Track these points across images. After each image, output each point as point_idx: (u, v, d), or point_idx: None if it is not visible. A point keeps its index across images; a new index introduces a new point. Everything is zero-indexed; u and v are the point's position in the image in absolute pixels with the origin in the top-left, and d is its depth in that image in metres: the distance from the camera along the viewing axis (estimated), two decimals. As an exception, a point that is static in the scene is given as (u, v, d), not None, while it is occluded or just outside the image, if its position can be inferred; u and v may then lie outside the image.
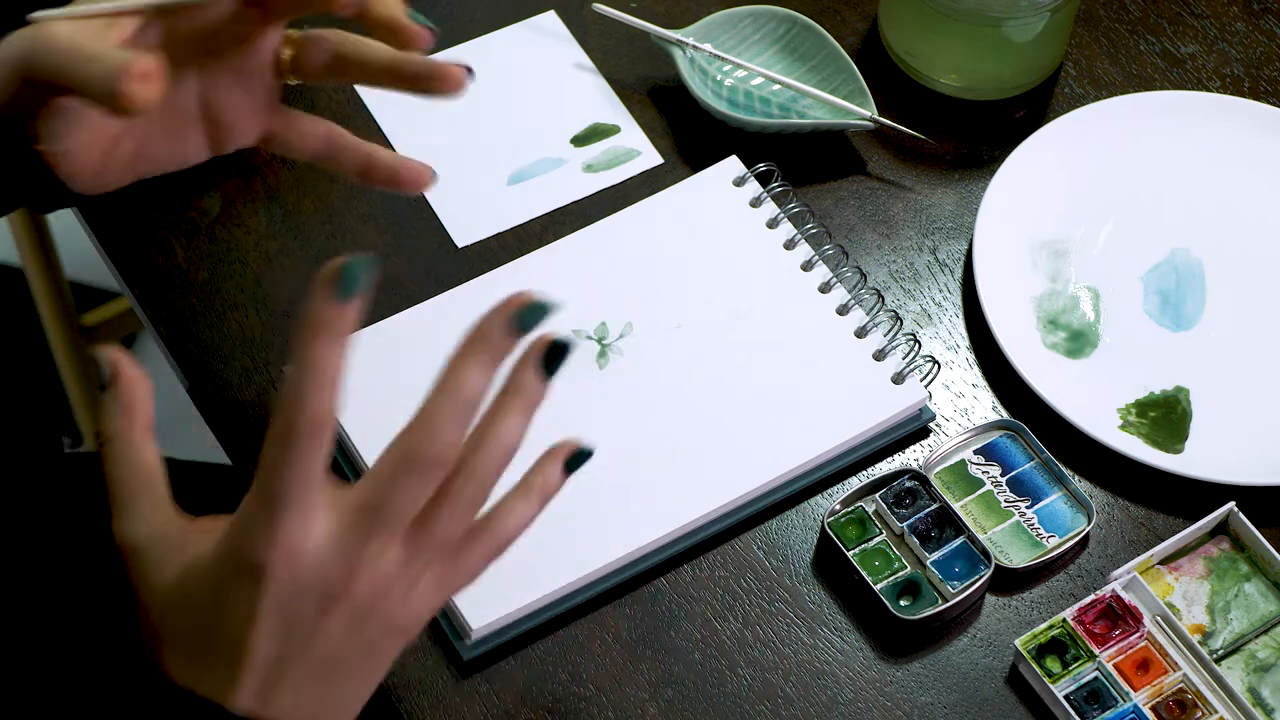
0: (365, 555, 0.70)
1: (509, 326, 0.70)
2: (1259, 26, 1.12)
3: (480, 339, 0.71)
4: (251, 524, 0.70)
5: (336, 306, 0.68)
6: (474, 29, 1.10)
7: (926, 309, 1.01)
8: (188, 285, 1.00)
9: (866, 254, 1.03)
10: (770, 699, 0.89)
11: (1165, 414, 0.97)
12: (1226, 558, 0.93)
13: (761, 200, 1.02)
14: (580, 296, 0.98)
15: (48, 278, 1.56)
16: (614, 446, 0.93)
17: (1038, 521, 0.93)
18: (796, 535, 0.93)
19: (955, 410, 0.98)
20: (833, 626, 0.91)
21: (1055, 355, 0.99)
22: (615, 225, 1.01)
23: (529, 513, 0.74)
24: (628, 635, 0.90)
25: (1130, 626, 0.89)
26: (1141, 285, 1.02)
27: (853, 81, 1.06)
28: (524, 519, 0.73)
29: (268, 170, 1.04)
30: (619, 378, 0.96)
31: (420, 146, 1.05)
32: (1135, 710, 0.88)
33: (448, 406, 0.70)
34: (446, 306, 0.98)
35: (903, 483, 0.93)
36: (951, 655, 0.90)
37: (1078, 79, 1.10)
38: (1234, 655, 0.90)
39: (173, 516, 0.73)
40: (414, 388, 0.95)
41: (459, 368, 0.70)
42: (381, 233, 1.02)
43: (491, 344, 0.70)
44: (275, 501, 0.69)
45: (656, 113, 1.07)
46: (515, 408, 0.71)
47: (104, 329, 1.64)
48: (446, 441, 0.69)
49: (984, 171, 1.06)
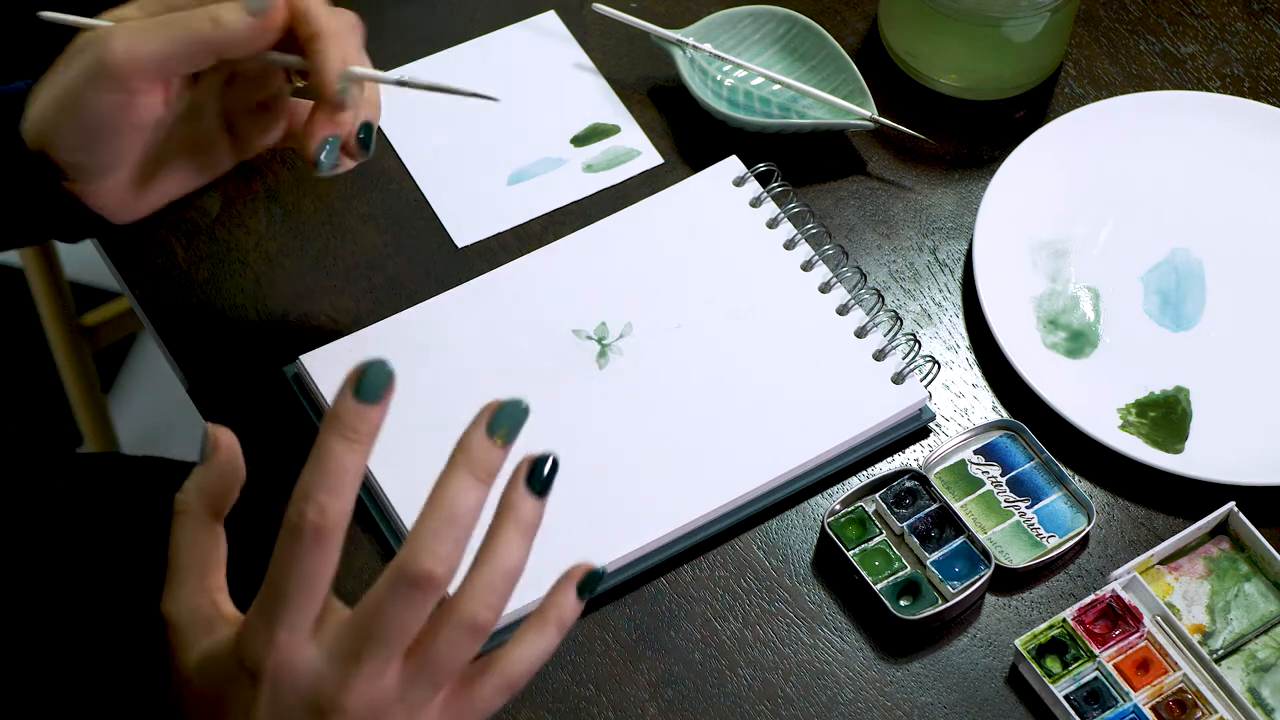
0: (360, 674, 0.69)
1: (487, 436, 0.70)
2: (1259, 26, 1.12)
3: (461, 452, 0.70)
4: (255, 623, 0.69)
5: (356, 407, 0.68)
6: (474, 29, 1.10)
7: (926, 309, 1.01)
8: (188, 285, 1.00)
9: (866, 254, 1.03)
10: (770, 699, 0.89)
11: (1165, 414, 0.97)
12: (1226, 558, 0.93)
13: (761, 200, 1.02)
14: (580, 296, 0.98)
15: (48, 278, 1.56)
16: (614, 446, 0.93)
17: (1038, 521, 0.93)
18: (796, 535, 0.93)
19: (955, 410, 0.98)
20: (833, 626, 0.91)
21: (1055, 355, 0.99)
22: (615, 225, 1.01)
23: (545, 645, 0.72)
24: (628, 635, 0.91)
25: (1130, 626, 0.89)
26: (1141, 285, 1.02)
27: (853, 81, 1.06)
28: (540, 652, 0.72)
29: (268, 170, 1.04)
30: (619, 378, 0.96)
31: (420, 146, 1.05)
32: (1135, 710, 0.88)
33: (433, 522, 0.68)
34: (446, 306, 0.98)
35: (903, 483, 0.93)
36: (951, 655, 0.90)
37: (1078, 79, 1.10)
38: (1234, 655, 0.90)
39: (213, 600, 0.73)
40: (414, 388, 0.95)
41: (443, 483, 0.69)
42: (381, 233, 1.02)
43: (472, 456, 0.69)
44: (275, 603, 0.68)
45: (656, 113, 1.07)
46: (510, 529, 0.70)
47: (104, 329, 1.64)
48: (436, 557, 0.68)
49: (984, 171, 1.06)
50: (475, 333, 0.97)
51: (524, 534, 0.70)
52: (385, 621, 0.68)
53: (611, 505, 0.92)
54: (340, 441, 0.67)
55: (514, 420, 0.71)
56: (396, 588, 0.68)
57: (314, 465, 0.67)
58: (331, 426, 0.68)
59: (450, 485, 0.69)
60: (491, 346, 0.96)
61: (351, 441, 0.68)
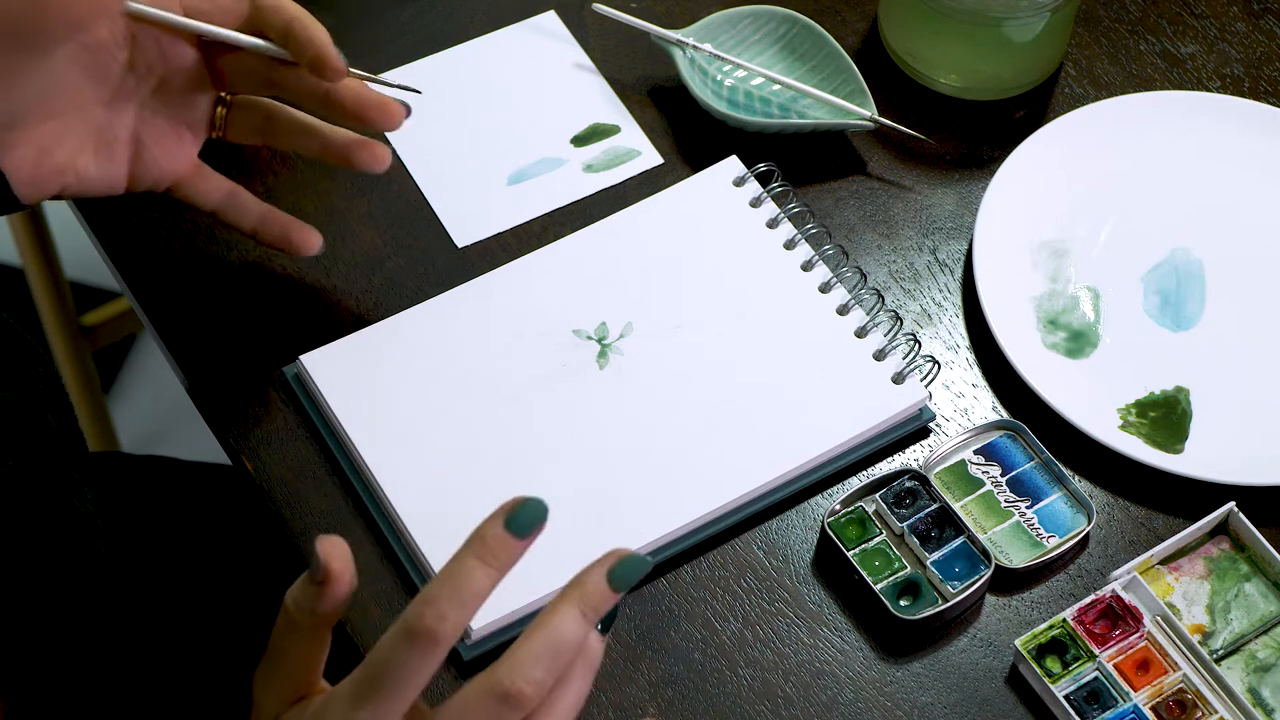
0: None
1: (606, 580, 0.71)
2: (1259, 26, 1.12)
3: (576, 588, 0.71)
4: (345, 697, 0.71)
5: (502, 536, 0.70)
6: (474, 29, 1.10)
7: (926, 309, 1.01)
8: (188, 285, 1.00)
9: (866, 254, 1.03)
10: (770, 699, 0.89)
11: (1165, 414, 0.97)
12: (1226, 558, 0.93)
13: (761, 200, 1.02)
14: (580, 296, 0.98)
15: (48, 278, 1.56)
16: (614, 446, 0.93)
17: (1038, 521, 0.93)
18: (796, 535, 0.93)
19: (955, 410, 0.98)
20: (833, 626, 0.91)
21: (1055, 355, 0.99)
22: (615, 225, 1.01)
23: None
24: (628, 635, 0.90)
25: (1130, 626, 0.89)
26: (1142, 285, 1.02)
27: (853, 81, 1.06)
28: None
29: (268, 170, 1.04)
30: (619, 378, 0.96)
31: (420, 147, 1.05)
32: (1135, 710, 0.88)
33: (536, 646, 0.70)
34: (446, 306, 0.98)
35: (903, 483, 0.93)
36: (951, 655, 0.90)
37: (1078, 79, 1.10)
38: (1234, 655, 0.90)
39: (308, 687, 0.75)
40: (414, 386, 0.95)
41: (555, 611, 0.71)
42: (381, 233, 1.02)
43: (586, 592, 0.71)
44: (371, 688, 0.70)
45: (656, 113, 1.07)
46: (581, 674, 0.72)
47: (104, 329, 1.64)
48: (529, 680, 0.70)
49: (984, 171, 1.06)
50: (475, 333, 0.97)
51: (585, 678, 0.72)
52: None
53: (611, 505, 0.92)
54: (477, 563, 0.69)
55: (632, 575, 0.72)
56: (488, 699, 0.70)
57: (446, 577, 0.69)
58: (473, 546, 0.70)
59: (559, 615, 0.70)
60: (491, 346, 0.96)
61: (489, 566, 0.70)
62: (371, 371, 0.95)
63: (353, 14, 1.10)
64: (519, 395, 0.95)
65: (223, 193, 0.94)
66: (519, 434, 0.94)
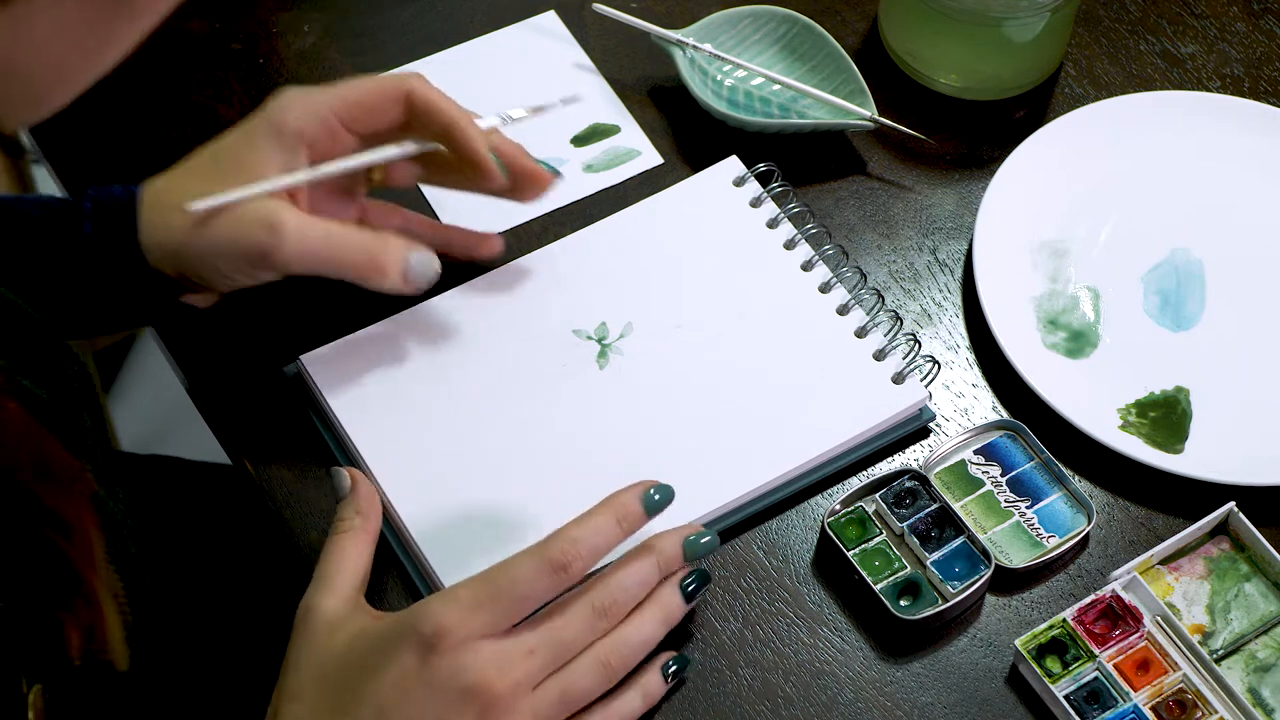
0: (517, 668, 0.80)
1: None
2: (1259, 26, 1.12)
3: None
4: (460, 601, 0.79)
5: (638, 509, 0.83)
6: (474, 29, 1.10)
7: (926, 309, 1.01)
8: (188, 285, 1.00)
9: (866, 254, 1.03)
10: (770, 699, 0.89)
11: (1165, 414, 0.97)
12: (1226, 558, 0.93)
13: (761, 200, 1.02)
14: (580, 296, 0.98)
15: (48, 278, 1.56)
16: (613, 446, 0.93)
17: (1038, 521, 0.93)
18: (796, 535, 0.93)
19: (955, 410, 0.98)
20: (833, 626, 0.91)
21: (1055, 355, 0.99)
22: (615, 225, 1.01)
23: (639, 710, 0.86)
24: (628, 635, 0.90)
25: (1130, 626, 0.89)
26: (1141, 285, 1.02)
27: (853, 81, 1.06)
28: None
29: (268, 170, 1.04)
30: (619, 378, 0.96)
31: (420, 146, 1.05)
32: (1135, 710, 0.88)
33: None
34: (447, 306, 0.98)
35: (903, 483, 0.93)
36: (951, 655, 0.90)
37: (1078, 79, 1.10)
38: (1234, 655, 0.90)
39: (359, 601, 0.84)
40: (414, 387, 0.95)
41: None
42: (381, 233, 1.02)
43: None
44: (492, 597, 0.79)
45: (656, 113, 1.07)
46: (653, 616, 0.85)
47: (104, 329, 1.63)
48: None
49: (984, 171, 1.06)
50: (475, 333, 0.97)
51: (662, 624, 0.85)
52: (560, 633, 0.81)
53: (611, 505, 0.92)
54: (616, 525, 0.83)
55: (700, 551, 0.86)
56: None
57: (590, 530, 0.82)
58: (615, 508, 0.83)
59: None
60: (492, 347, 0.96)
61: (621, 530, 0.83)
62: (371, 371, 0.95)
63: (353, 13, 1.10)
64: (519, 395, 0.95)
65: (393, 227, 0.97)
66: (519, 434, 0.94)
